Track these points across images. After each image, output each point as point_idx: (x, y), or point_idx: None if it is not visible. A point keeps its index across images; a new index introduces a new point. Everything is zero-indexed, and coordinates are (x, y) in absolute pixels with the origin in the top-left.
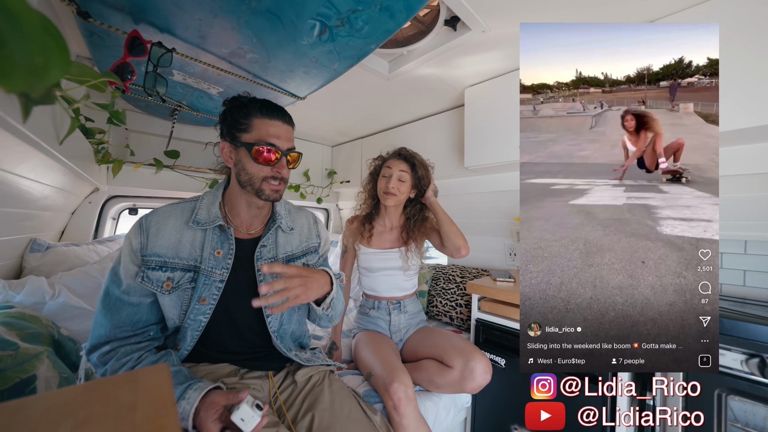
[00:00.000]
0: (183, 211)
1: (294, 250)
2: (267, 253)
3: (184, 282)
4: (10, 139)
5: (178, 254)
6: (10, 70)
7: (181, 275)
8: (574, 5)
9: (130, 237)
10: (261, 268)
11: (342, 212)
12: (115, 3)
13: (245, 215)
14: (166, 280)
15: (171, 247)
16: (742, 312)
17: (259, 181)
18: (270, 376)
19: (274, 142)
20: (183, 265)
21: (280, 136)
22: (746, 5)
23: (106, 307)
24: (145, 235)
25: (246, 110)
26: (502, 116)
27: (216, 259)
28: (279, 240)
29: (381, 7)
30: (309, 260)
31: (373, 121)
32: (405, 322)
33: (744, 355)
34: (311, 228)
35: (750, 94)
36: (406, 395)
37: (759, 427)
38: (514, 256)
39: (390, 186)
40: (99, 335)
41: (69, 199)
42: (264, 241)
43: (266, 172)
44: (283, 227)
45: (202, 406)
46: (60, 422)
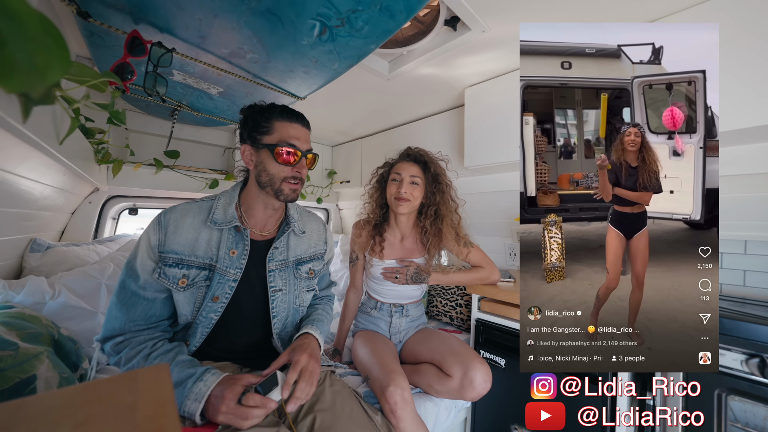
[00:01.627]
0: (200, 210)
1: (303, 254)
2: (278, 255)
3: (199, 280)
4: (10, 139)
5: (195, 252)
6: (10, 70)
7: (197, 273)
8: (574, 5)
9: (149, 233)
10: (278, 360)
11: (342, 212)
12: (115, 3)
13: (261, 216)
14: (181, 277)
15: (188, 245)
16: (742, 312)
17: (279, 181)
18: None
19: (295, 143)
20: (199, 263)
21: (300, 138)
22: (746, 5)
23: (122, 301)
24: (164, 232)
25: (267, 114)
26: (502, 116)
27: (231, 258)
28: (290, 243)
29: (381, 7)
30: (315, 266)
31: (373, 121)
32: (405, 324)
33: (744, 355)
34: (320, 234)
35: (750, 94)
36: (402, 398)
37: (759, 427)
38: (514, 256)
39: (402, 191)
40: (113, 328)
41: (69, 199)
42: (277, 243)
43: (287, 172)
44: (295, 230)
45: (219, 384)
46: (60, 422)
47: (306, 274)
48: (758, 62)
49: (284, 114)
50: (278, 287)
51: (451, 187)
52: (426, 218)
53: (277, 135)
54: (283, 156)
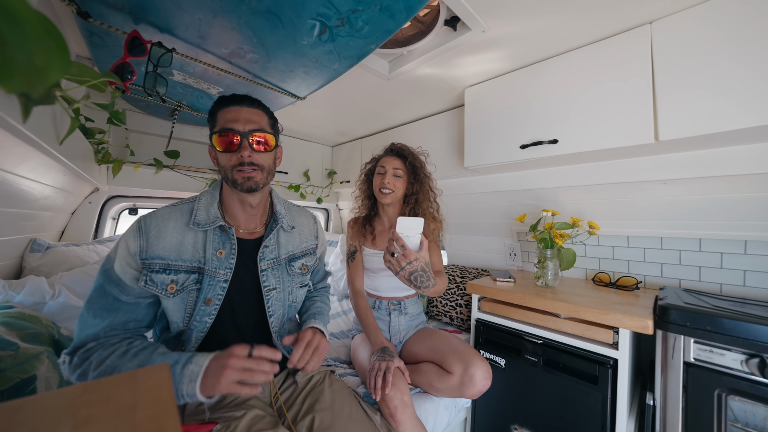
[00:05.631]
0: (182, 213)
1: (295, 250)
2: (269, 254)
3: (189, 284)
4: (10, 139)
5: (181, 256)
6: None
7: (186, 277)
8: (574, 6)
9: (128, 240)
10: (283, 340)
11: (342, 212)
12: (115, 3)
13: (241, 215)
14: (170, 283)
15: (173, 249)
16: (742, 312)
17: (230, 171)
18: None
19: (232, 125)
20: (187, 267)
21: (238, 120)
22: (746, 5)
23: (101, 307)
24: (145, 238)
25: (212, 109)
26: (502, 116)
27: (219, 259)
28: (281, 240)
29: (381, 7)
30: (307, 261)
31: (373, 121)
32: (405, 324)
33: (744, 355)
34: (311, 229)
35: (750, 94)
36: (402, 402)
37: (759, 427)
38: (514, 256)
39: (385, 182)
40: (87, 335)
41: (69, 199)
42: (266, 242)
43: (232, 159)
44: (284, 226)
45: (214, 359)
46: (60, 422)
47: (299, 270)
48: (758, 62)
49: (221, 101)
50: (272, 286)
51: (430, 179)
52: (407, 206)
53: (218, 124)
54: (223, 142)
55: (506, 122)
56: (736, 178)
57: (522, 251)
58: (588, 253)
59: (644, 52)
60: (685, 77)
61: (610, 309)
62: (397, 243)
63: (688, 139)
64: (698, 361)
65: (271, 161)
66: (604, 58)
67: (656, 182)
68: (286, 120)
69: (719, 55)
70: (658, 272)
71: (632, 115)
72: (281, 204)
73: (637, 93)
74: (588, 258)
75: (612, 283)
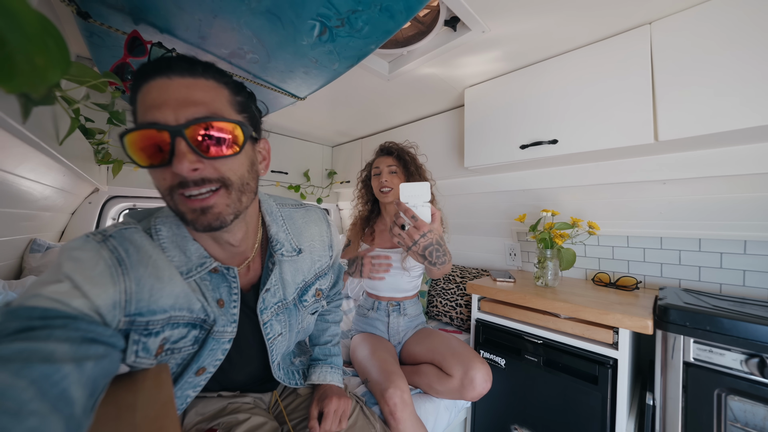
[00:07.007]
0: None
1: (305, 277)
2: (272, 298)
3: (185, 345)
4: (10, 139)
5: (190, 305)
6: (10, 70)
7: (182, 332)
8: (574, 5)
9: (95, 280)
10: (310, 417)
11: (342, 212)
12: (115, 3)
13: (221, 254)
14: (161, 343)
15: (181, 296)
16: (741, 312)
17: (169, 197)
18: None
19: (156, 115)
20: (190, 318)
21: (167, 103)
22: (746, 5)
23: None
24: (131, 279)
25: (132, 88)
26: (502, 116)
27: (220, 311)
28: (286, 275)
29: (381, 8)
30: (322, 284)
31: (373, 122)
32: (404, 324)
33: (744, 355)
34: (323, 239)
35: (750, 94)
36: (402, 400)
37: (759, 427)
38: (514, 256)
39: (383, 180)
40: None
41: (69, 200)
42: (268, 284)
43: (167, 178)
44: (286, 255)
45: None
46: None
47: (313, 298)
48: (758, 62)
49: (139, 74)
50: (277, 332)
51: (423, 169)
52: None
53: (137, 116)
54: (144, 151)
55: (506, 122)
56: (737, 178)
57: (522, 251)
58: (588, 253)
59: (644, 51)
60: (686, 76)
61: (609, 309)
62: (406, 214)
63: (688, 138)
64: (698, 361)
65: (244, 168)
66: (604, 57)
67: (656, 182)
68: (287, 120)
69: (720, 54)
70: (658, 272)
71: (632, 115)
72: (277, 223)
73: (637, 92)
74: (588, 258)
75: (612, 283)
